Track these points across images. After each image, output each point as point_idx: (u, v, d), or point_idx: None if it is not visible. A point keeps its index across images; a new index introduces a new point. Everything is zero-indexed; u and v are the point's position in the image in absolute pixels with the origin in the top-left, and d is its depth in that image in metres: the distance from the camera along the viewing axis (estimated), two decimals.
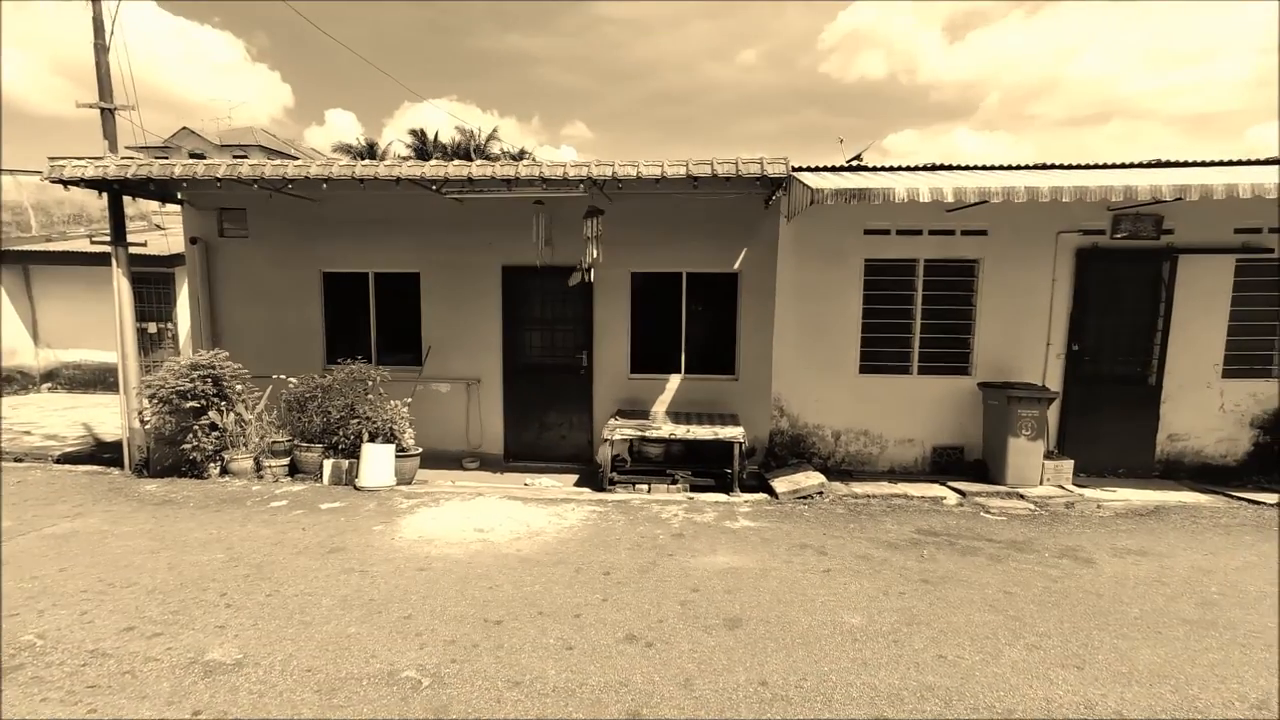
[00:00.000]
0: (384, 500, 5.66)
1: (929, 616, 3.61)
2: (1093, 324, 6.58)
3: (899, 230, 6.50)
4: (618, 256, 6.66)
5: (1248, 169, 5.90)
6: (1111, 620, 3.56)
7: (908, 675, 3.04)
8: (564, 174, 5.48)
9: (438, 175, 5.56)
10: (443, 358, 7.14)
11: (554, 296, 7.07)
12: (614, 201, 6.23)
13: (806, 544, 4.72)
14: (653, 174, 5.41)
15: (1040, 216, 6.27)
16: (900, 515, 5.42)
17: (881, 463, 6.77)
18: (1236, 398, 6.57)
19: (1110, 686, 2.94)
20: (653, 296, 6.99)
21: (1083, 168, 6.17)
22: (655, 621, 3.55)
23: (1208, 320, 6.48)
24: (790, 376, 6.73)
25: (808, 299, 6.65)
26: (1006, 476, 6.14)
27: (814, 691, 2.92)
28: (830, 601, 3.79)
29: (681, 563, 4.36)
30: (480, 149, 23.52)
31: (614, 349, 7.03)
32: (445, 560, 4.33)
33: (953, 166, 6.17)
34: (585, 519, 5.26)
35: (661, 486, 6.18)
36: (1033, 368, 6.59)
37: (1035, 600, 3.81)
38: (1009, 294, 6.55)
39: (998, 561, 4.40)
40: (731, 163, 5.44)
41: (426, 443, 6.62)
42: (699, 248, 6.77)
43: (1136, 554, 4.56)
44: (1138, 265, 6.50)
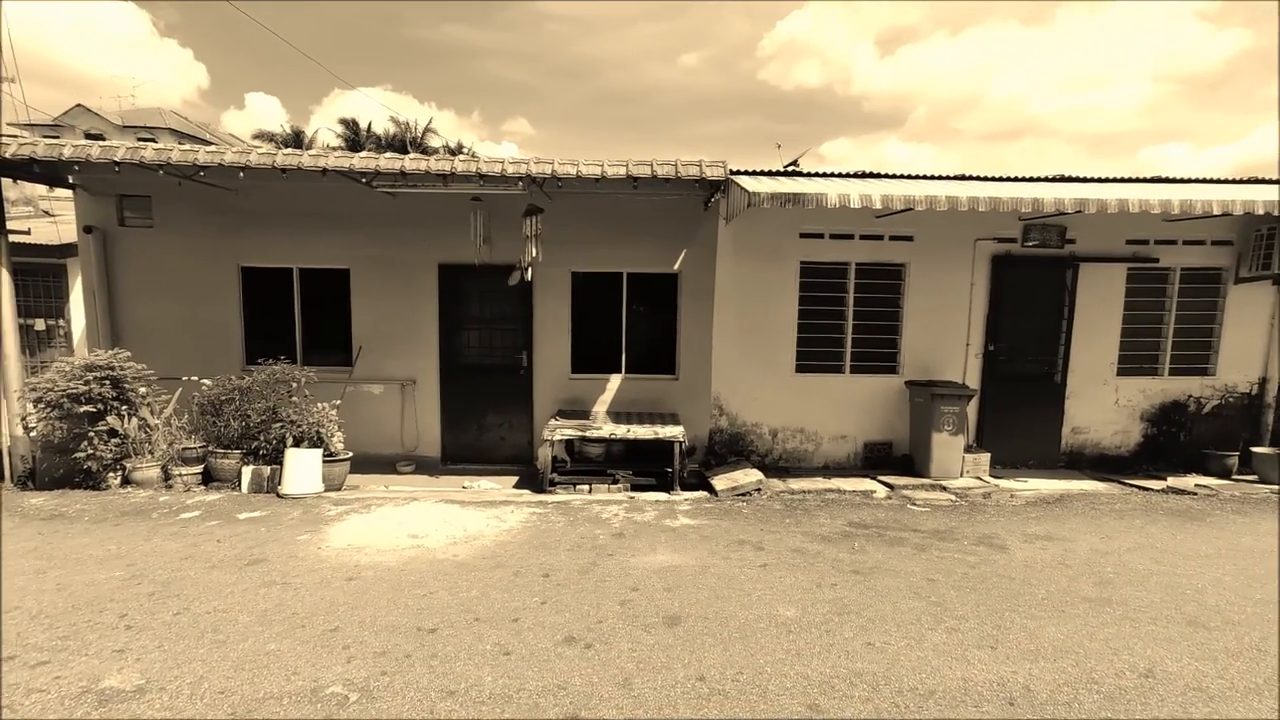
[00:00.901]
0: (310, 508, 5.37)
1: (859, 606, 3.75)
2: (1007, 326, 7.05)
3: (832, 234, 6.74)
4: (558, 255, 6.60)
5: (1137, 186, 6.48)
6: (1022, 601, 3.82)
7: (839, 663, 3.15)
8: (502, 171, 5.37)
9: (368, 168, 5.33)
10: (375, 358, 6.86)
11: (493, 295, 6.92)
12: (554, 200, 6.17)
13: (745, 540, 4.81)
14: (593, 173, 5.39)
15: (960, 224, 6.65)
16: (834, 509, 5.62)
17: (817, 459, 7.01)
18: (1129, 394, 7.19)
19: (1020, 663, 3.14)
20: (594, 296, 6.97)
21: (997, 180, 6.61)
22: (595, 622, 3.53)
23: (1104, 323, 7.06)
24: (730, 376, 6.86)
25: (746, 299, 6.79)
26: (931, 469, 6.48)
27: (750, 684, 2.97)
28: (766, 595, 3.88)
29: (622, 562, 4.36)
30: (417, 142, 22.76)
31: (555, 349, 6.96)
32: (376, 568, 4.15)
33: (881, 175, 6.46)
34: (525, 521, 5.17)
35: (603, 487, 6.17)
36: (954, 367, 6.99)
37: (955, 586, 4.03)
38: (933, 297, 6.91)
39: (922, 551, 4.63)
40: (671, 164, 5.49)
41: (358, 446, 6.34)
42: (640, 248, 6.80)
43: (1044, 539, 4.90)
44: (1045, 271, 7.01)
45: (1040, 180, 6.68)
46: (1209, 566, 4.38)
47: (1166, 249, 6.98)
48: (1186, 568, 4.36)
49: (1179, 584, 4.09)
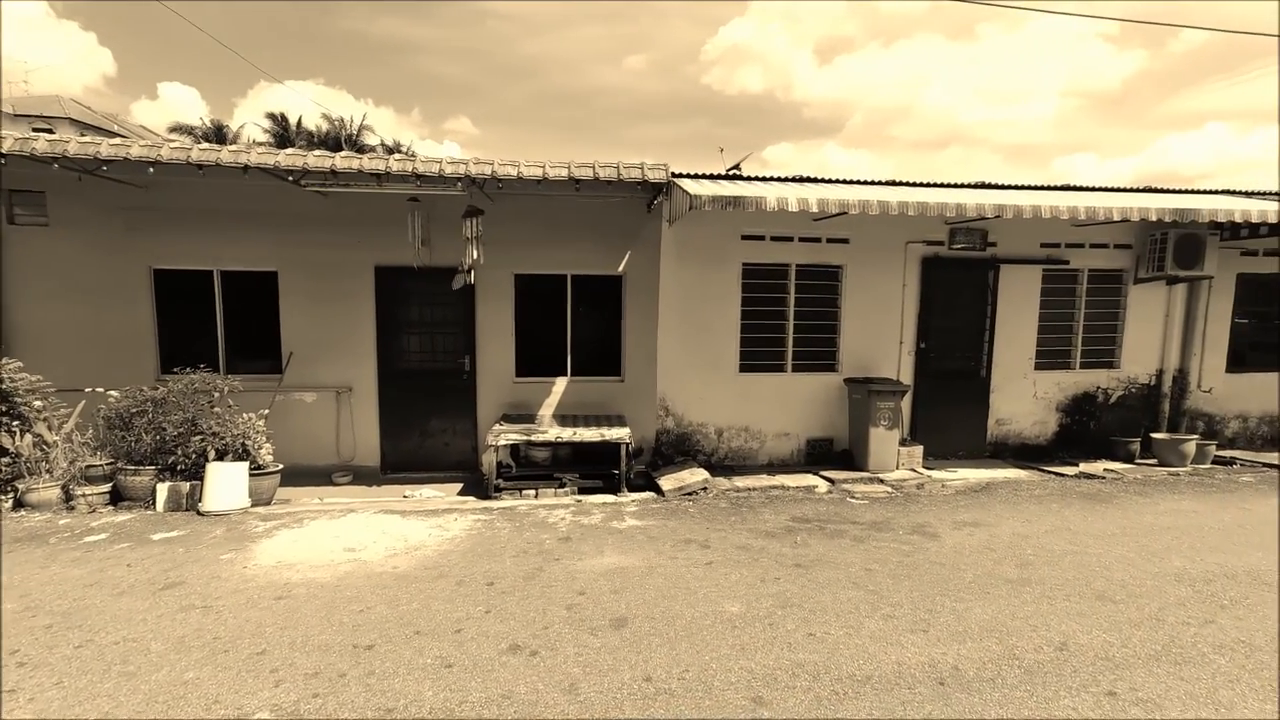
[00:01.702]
0: (235, 525, 5.06)
1: (801, 598, 3.85)
2: (936, 324, 7.41)
3: (773, 236, 6.91)
4: (501, 258, 6.49)
5: (1050, 193, 6.94)
6: (951, 586, 4.01)
7: (782, 655, 3.22)
8: (440, 171, 5.23)
9: (294, 166, 5.07)
10: (308, 365, 6.54)
11: (433, 298, 6.74)
12: (496, 202, 6.06)
13: (691, 539, 4.86)
14: (534, 174, 5.33)
15: (892, 228, 6.95)
16: (778, 505, 5.75)
17: (761, 456, 7.15)
18: (1046, 387, 7.69)
19: (949, 645, 3.30)
20: (538, 299, 6.88)
21: (925, 186, 6.94)
22: (541, 629, 3.48)
23: (1023, 321, 7.53)
24: (675, 376, 6.92)
25: (691, 301, 6.87)
26: (869, 463, 6.73)
27: (696, 681, 3.00)
28: (712, 592, 3.93)
29: (568, 566, 4.31)
30: (352, 139, 21.84)
31: (498, 352, 6.83)
32: (309, 586, 3.95)
33: (818, 179, 6.68)
34: (469, 529, 5.05)
35: (549, 491, 6.09)
36: (889, 364, 7.29)
37: (891, 574, 4.20)
38: (868, 297, 7.19)
39: (861, 542, 4.80)
40: (613, 167, 5.49)
41: (289, 458, 6.03)
42: (584, 250, 6.77)
43: (971, 525, 5.17)
44: (970, 273, 7.41)
45: (964, 187, 7.06)
46: (1115, 545, 4.73)
47: (1076, 252, 7.51)
48: (1096, 547, 4.69)
49: (1089, 562, 4.39)
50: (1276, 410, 8.19)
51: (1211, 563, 4.39)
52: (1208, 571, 4.23)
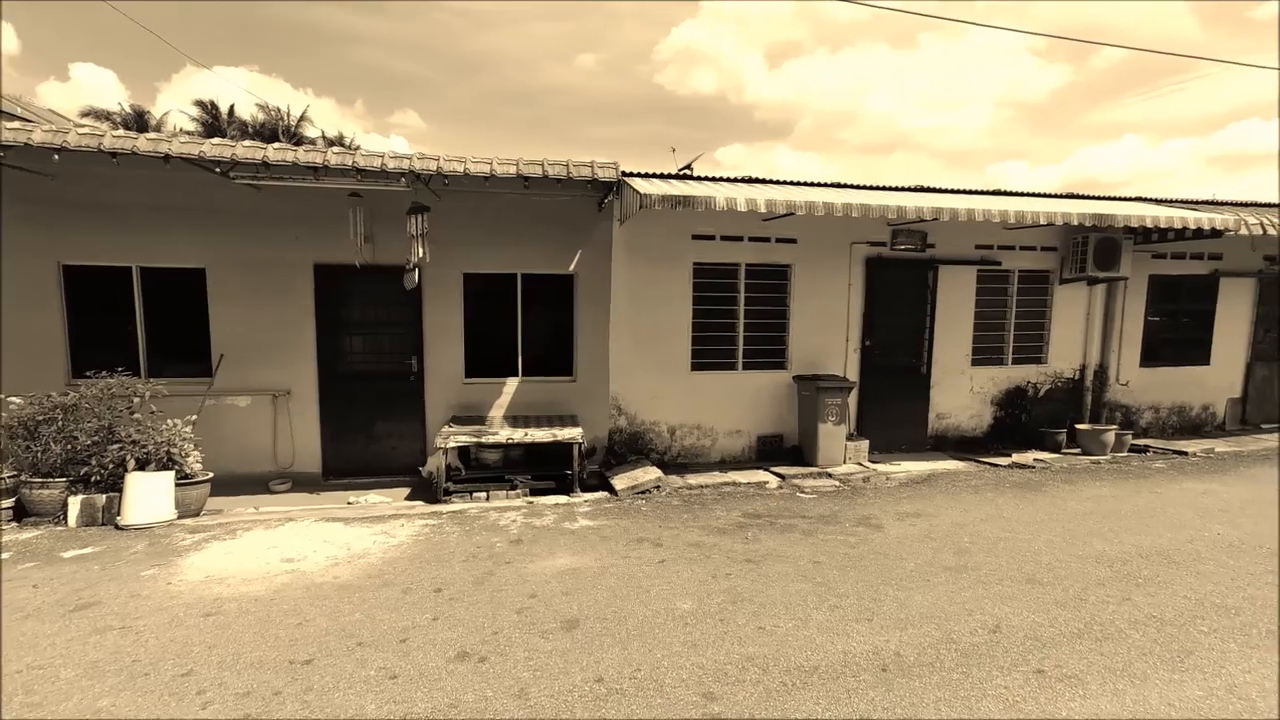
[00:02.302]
0: (159, 538, 4.75)
1: (751, 593, 3.90)
2: (880, 322, 7.66)
3: (723, 236, 6.99)
4: (449, 256, 6.34)
5: (983, 198, 7.29)
6: (894, 575, 4.15)
7: (732, 650, 3.25)
8: (383, 166, 5.05)
9: (221, 156, 4.78)
10: (241, 367, 6.21)
11: (378, 298, 6.51)
12: (443, 199, 5.90)
13: (644, 538, 4.86)
14: (482, 171, 5.21)
15: (838, 229, 7.15)
16: (729, 502, 5.82)
17: (714, 454, 7.23)
18: (981, 382, 8.07)
19: (892, 632, 3.41)
20: (488, 298, 6.75)
21: (868, 189, 7.16)
22: (490, 634, 3.40)
23: (960, 319, 7.88)
24: (627, 376, 6.91)
25: (642, 300, 6.88)
26: (818, 458, 6.90)
27: (648, 680, 2.99)
28: (665, 591, 3.94)
29: (519, 569, 4.24)
30: (290, 130, 20.76)
31: (447, 353, 6.66)
32: (242, 600, 3.74)
33: (766, 180, 6.80)
34: (417, 534, 4.90)
35: (501, 493, 5.99)
36: (836, 361, 7.49)
37: (838, 566, 4.31)
38: (816, 296, 7.37)
39: (809, 536, 4.91)
40: (563, 165, 5.43)
41: (222, 466, 5.71)
42: (534, 249, 6.68)
43: (913, 516, 5.37)
44: (911, 273, 7.70)
45: (904, 190, 7.33)
46: (1043, 530, 5.00)
47: (1007, 254, 7.91)
48: (1026, 533, 4.95)
49: (1020, 548, 4.63)
50: (1184, 401, 8.86)
51: (1128, 544, 4.69)
52: (1124, 553, 4.53)
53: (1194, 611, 3.64)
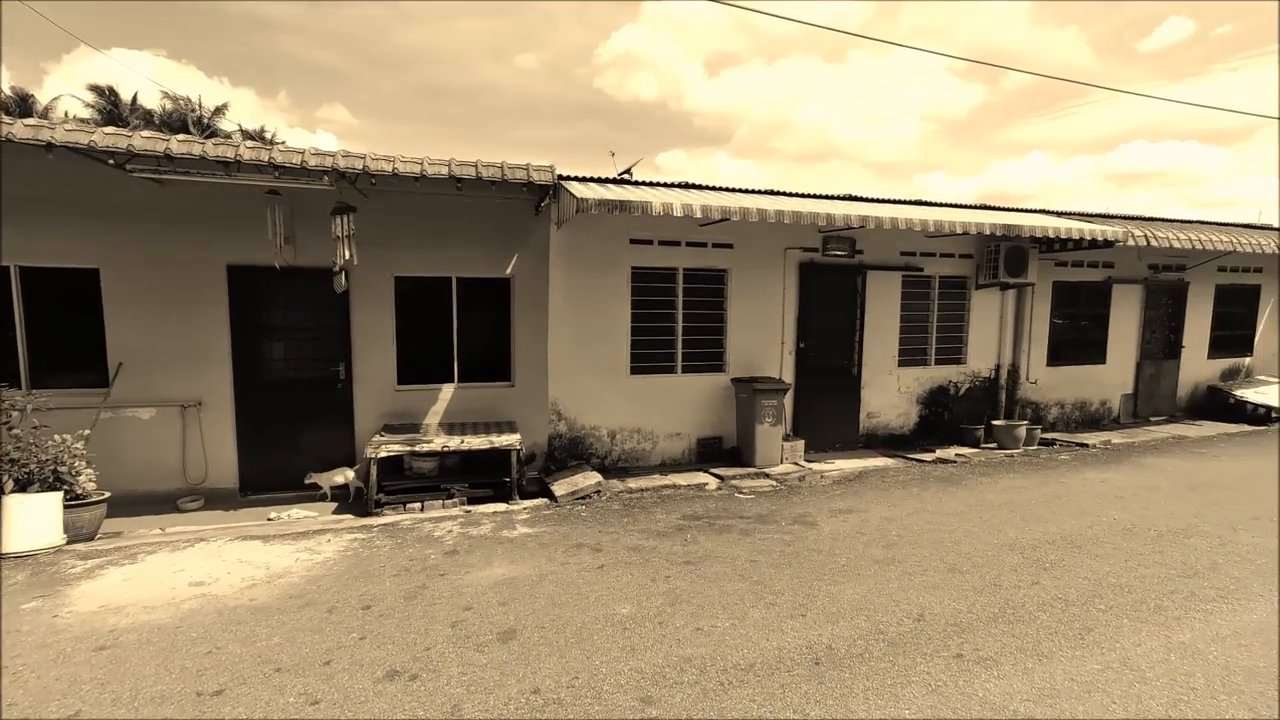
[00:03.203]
0: (44, 566, 4.31)
1: (690, 594, 3.93)
2: (814, 325, 7.92)
3: (661, 241, 7.05)
4: (379, 258, 6.11)
5: (906, 207, 7.66)
6: (827, 570, 4.28)
7: (670, 652, 3.26)
8: (303, 162, 4.78)
9: (115, 146, 4.38)
10: (143, 377, 5.74)
11: (302, 301, 6.18)
12: (372, 199, 5.68)
13: (583, 543, 4.81)
14: (411, 171, 5.04)
15: (772, 234, 7.34)
16: (669, 504, 5.85)
17: (654, 457, 7.26)
18: (907, 382, 8.47)
19: (825, 626, 3.51)
20: (421, 302, 6.54)
21: (800, 196, 7.41)
22: (422, 650, 3.28)
23: (887, 322, 8.25)
24: (567, 380, 6.84)
25: (581, 304, 6.84)
26: (756, 459, 7.04)
27: (585, 688, 2.96)
28: (604, 596, 3.91)
29: (454, 582, 4.11)
30: (202, 122, 19.26)
31: (378, 359, 6.40)
32: (142, 630, 3.45)
33: (702, 186, 6.90)
34: (344, 550, 4.67)
35: (436, 503, 5.80)
36: (772, 364, 7.68)
37: (774, 564, 4.40)
38: (752, 300, 7.54)
39: (747, 535, 4.99)
40: (497, 166, 5.33)
41: (122, 484, 5.27)
42: (470, 251, 6.52)
43: (846, 513, 5.56)
44: (842, 278, 8.01)
45: (834, 198, 7.62)
46: (964, 521, 5.29)
47: (929, 260, 8.35)
48: (949, 524, 5.22)
49: (943, 539, 4.87)
50: (1085, 397, 9.61)
51: (1038, 531, 5.03)
52: (1034, 539, 4.85)
53: (1093, 591, 3.94)
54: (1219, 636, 3.39)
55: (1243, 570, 4.26)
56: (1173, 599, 3.84)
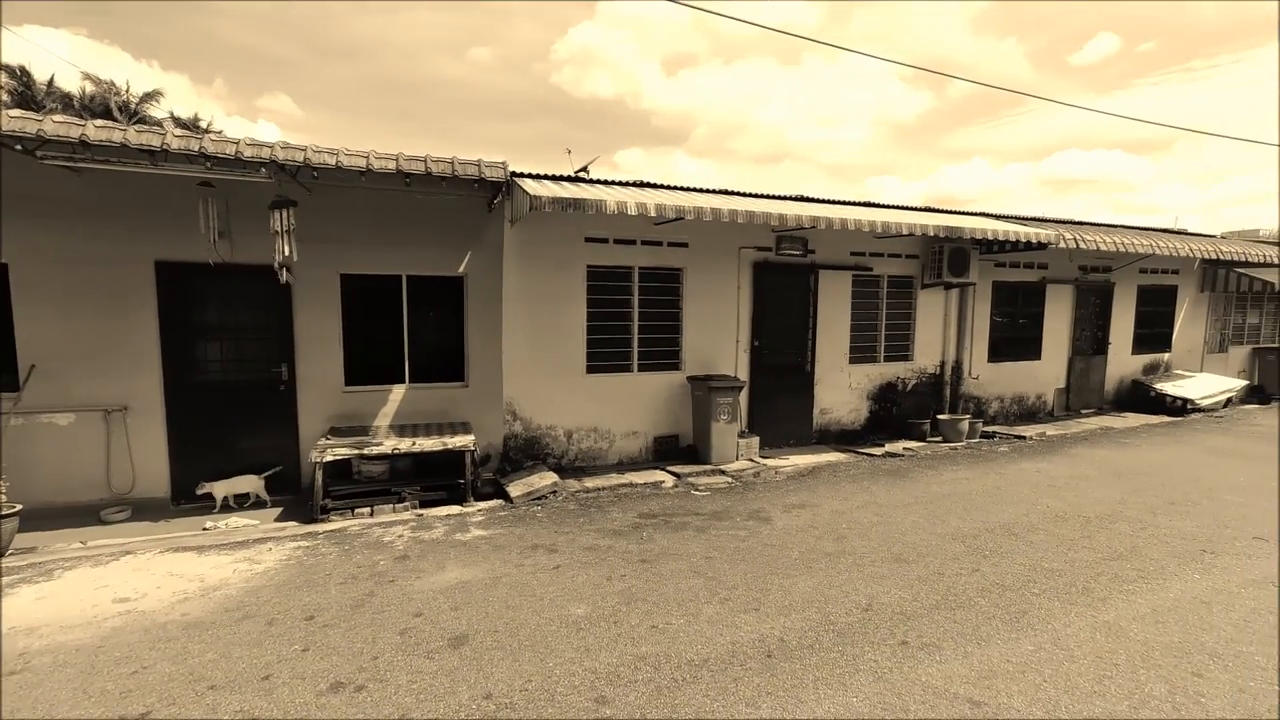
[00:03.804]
0: None
1: (645, 592, 3.93)
2: (768, 324, 8.05)
3: (616, 239, 7.03)
4: (324, 255, 5.89)
5: (856, 208, 7.87)
6: (780, 564, 4.35)
7: (625, 651, 3.25)
8: (237, 153, 4.55)
9: (22, 131, 4.04)
10: (60, 380, 5.36)
11: (240, 300, 5.89)
12: (316, 194, 5.46)
13: (538, 544, 4.75)
14: (356, 165, 4.86)
15: (727, 234, 7.42)
16: (626, 503, 5.84)
17: (611, 456, 7.24)
18: (858, 378, 8.71)
19: (777, 619, 3.57)
20: (370, 301, 6.33)
21: (753, 196, 7.51)
22: (369, 660, 3.17)
23: (838, 320, 8.47)
24: (522, 380, 6.75)
25: (536, 303, 6.75)
26: (712, 456, 7.11)
27: (539, 691, 2.92)
28: (559, 597, 3.87)
29: (404, 588, 4.00)
30: (129, 107, 17.92)
31: (323, 360, 6.16)
32: (58, 651, 3.22)
33: (657, 185, 6.92)
34: (287, 558, 4.47)
35: (386, 507, 5.63)
36: (727, 361, 7.77)
37: (729, 560, 4.45)
38: (707, 299, 7.61)
39: (702, 532, 5.03)
40: (447, 162, 5.20)
41: (36, 496, 4.92)
42: (421, 249, 6.35)
43: (799, 507, 5.68)
44: (795, 277, 8.17)
45: (787, 199, 7.76)
46: (910, 513, 5.47)
47: (878, 260, 8.61)
48: (896, 516, 5.39)
49: (891, 531, 5.03)
50: (1022, 392, 10.10)
51: (978, 520, 5.25)
52: (975, 528, 5.06)
53: (1028, 576, 4.14)
54: (1139, 615, 3.62)
55: (1160, 552, 4.55)
56: (1099, 581, 4.07)
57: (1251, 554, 4.51)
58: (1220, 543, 4.72)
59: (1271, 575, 4.15)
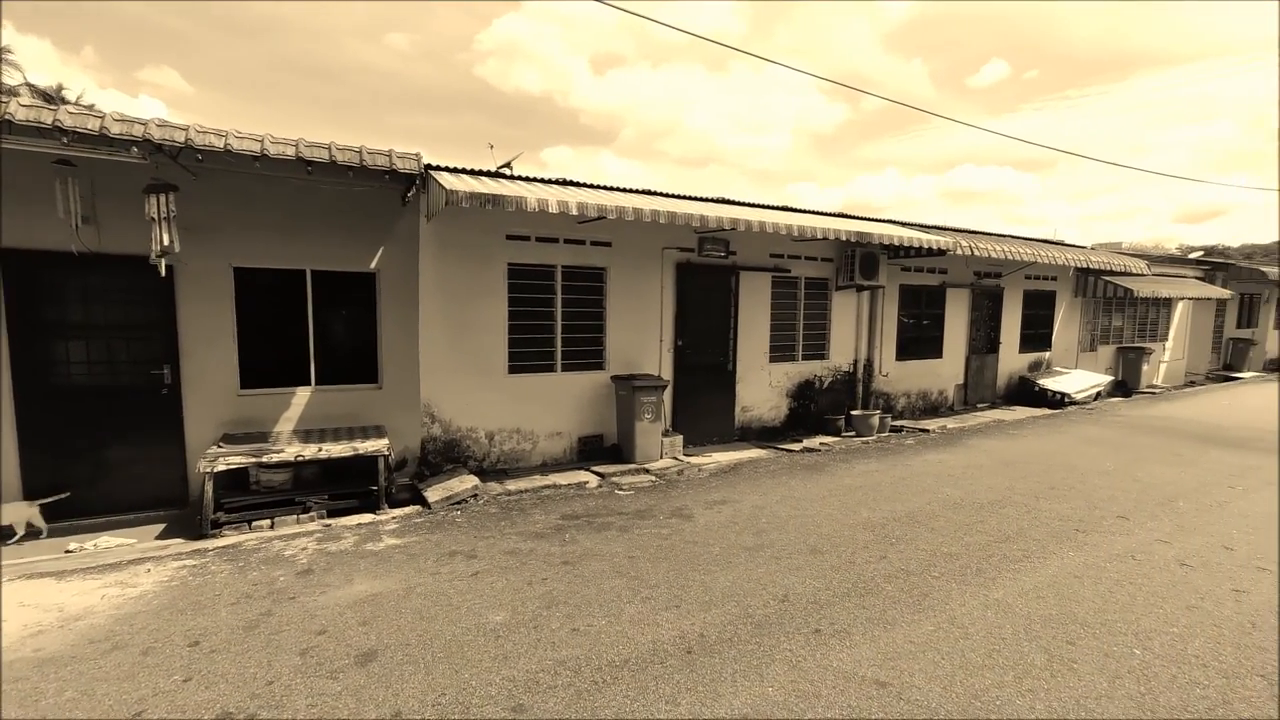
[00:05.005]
0: None
1: (567, 595, 3.86)
2: (691, 323, 8.16)
3: (538, 237, 6.90)
4: (215, 247, 5.41)
5: (775, 212, 8.12)
6: (701, 561, 4.40)
7: (545, 656, 3.17)
8: (101, 128, 4.05)
9: None
10: None
11: (110, 294, 5.29)
12: (204, 180, 4.99)
13: (456, 550, 4.57)
14: (249, 149, 4.47)
15: (650, 234, 7.46)
16: (549, 505, 5.74)
17: (534, 457, 7.09)
18: (778, 377, 9.01)
19: (698, 615, 3.60)
20: (270, 297, 5.86)
21: (676, 197, 7.58)
22: (264, 685, 2.92)
23: (759, 320, 8.72)
24: (441, 380, 6.48)
25: (455, 301, 6.50)
26: (636, 455, 7.12)
27: (452, 704, 2.79)
28: (477, 604, 3.73)
29: (305, 605, 3.72)
30: None
31: (215, 361, 5.64)
32: None
33: (581, 184, 6.84)
34: (168, 580, 4.06)
35: (290, 518, 5.24)
36: (651, 361, 7.81)
37: (651, 558, 4.45)
38: (631, 298, 7.61)
39: (625, 532, 5.02)
40: (355, 151, 4.91)
41: None
42: (328, 243, 5.95)
43: (720, 503, 5.78)
44: (717, 278, 8.33)
45: (709, 201, 7.89)
46: (825, 505, 5.70)
47: (795, 263, 8.94)
48: (812, 509, 5.60)
49: (807, 523, 5.22)
50: (926, 388, 10.81)
51: (886, 510, 5.54)
52: (884, 518, 5.34)
53: (929, 561, 4.40)
54: (1023, 591, 3.93)
55: (1041, 533, 4.98)
56: (989, 562, 4.39)
57: (1115, 531, 5.03)
58: (1090, 522, 5.23)
59: (1132, 548, 4.64)
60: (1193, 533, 4.98)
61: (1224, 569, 4.29)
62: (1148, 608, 3.72)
